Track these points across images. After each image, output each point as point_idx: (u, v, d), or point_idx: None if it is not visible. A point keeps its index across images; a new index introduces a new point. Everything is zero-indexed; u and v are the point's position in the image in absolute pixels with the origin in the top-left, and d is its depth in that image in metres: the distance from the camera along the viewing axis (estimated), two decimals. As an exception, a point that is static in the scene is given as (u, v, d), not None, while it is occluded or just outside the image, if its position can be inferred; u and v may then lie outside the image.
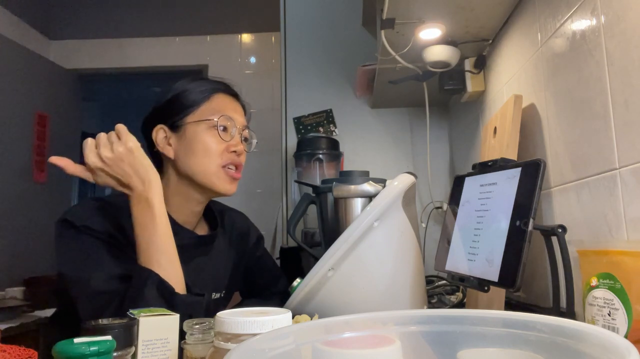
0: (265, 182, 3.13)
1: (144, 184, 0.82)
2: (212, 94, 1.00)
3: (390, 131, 1.95)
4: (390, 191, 0.86)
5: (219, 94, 1.01)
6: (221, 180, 0.96)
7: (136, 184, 0.82)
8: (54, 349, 0.41)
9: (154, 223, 0.82)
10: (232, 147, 0.97)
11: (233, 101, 1.03)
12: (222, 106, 0.99)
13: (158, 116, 0.99)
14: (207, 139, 0.96)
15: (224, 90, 1.03)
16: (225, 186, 0.97)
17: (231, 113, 0.99)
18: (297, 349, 0.40)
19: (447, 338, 0.41)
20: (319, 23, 2.02)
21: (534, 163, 0.71)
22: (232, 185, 0.99)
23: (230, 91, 1.04)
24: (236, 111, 1.01)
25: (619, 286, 0.59)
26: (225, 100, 1.01)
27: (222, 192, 0.98)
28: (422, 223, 1.72)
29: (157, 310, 0.58)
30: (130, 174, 0.82)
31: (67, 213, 0.88)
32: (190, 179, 0.96)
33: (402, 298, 0.88)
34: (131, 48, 3.50)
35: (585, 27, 0.79)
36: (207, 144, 0.95)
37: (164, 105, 0.99)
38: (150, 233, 0.82)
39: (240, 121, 1.01)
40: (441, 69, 1.34)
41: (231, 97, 1.03)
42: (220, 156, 0.96)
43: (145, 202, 0.82)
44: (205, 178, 0.95)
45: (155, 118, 0.99)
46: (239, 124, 1.00)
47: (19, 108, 2.87)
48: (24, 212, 2.85)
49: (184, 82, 1.01)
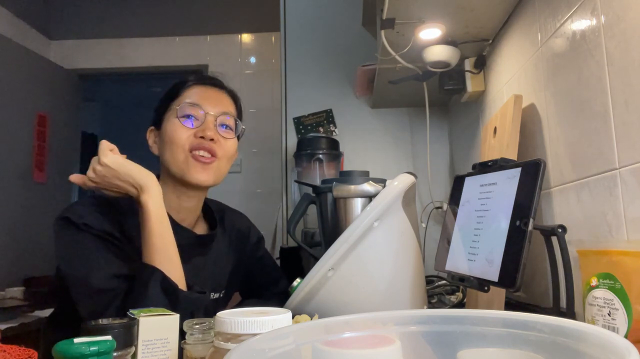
0: (265, 182, 3.13)
1: (137, 189, 0.86)
2: (184, 89, 1.01)
3: (390, 131, 1.94)
4: (390, 191, 0.86)
5: (192, 86, 1.01)
6: (190, 167, 0.95)
7: (131, 191, 0.86)
8: (54, 349, 0.41)
9: (150, 224, 0.84)
10: (200, 133, 0.95)
11: (207, 89, 1.02)
12: (193, 96, 0.99)
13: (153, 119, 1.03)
14: (172, 127, 0.97)
15: (196, 81, 1.03)
16: (195, 175, 0.95)
17: (199, 100, 0.98)
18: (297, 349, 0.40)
19: (447, 338, 0.41)
20: (319, 23, 2.02)
21: (534, 163, 0.71)
22: (205, 173, 0.96)
23: (207, 80, 1.04)
24: (208, 99, 1.00)
25: (619, 286, 0.59)
26: (197, 90, 1.01)
27: (195, 181, 0.96)
28: (422, 223, 1.72)
29: (157, 310, 0.58)
30: (121, 184, 0.86)
31: (66, 211, 0.89)
32: (170, 172, 0.97)
33: (402, 298, 0.88)
34: (131, 48, 3.50)
35: (585, 27, 0.79)
36: (171, 133, 0.96)
37: (155, 109, 1.03)
38: (148, 233, 0.84)
39: (213, 108, 0.98)
40: (441, 69, 1.34)
41: (206, 86, 1.03)
42: (186, 142, 0.95)
43: (142, 205, 0.85)
44: (177, 167, 0.95)
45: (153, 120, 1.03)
46: (211, 110, 0.98)
47: (19, 108, 2.86)
48: (24, 212, 2.85)
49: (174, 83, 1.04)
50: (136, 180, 0.85)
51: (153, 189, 0.86)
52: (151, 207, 0.85)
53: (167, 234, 0.86)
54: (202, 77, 1.05)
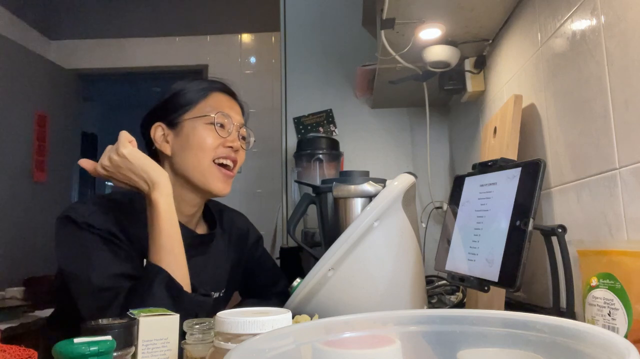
0: (265, 182, 3.13)
1: (148, 185, 0.85)
2: (209, 92, 1.01)
3: (390, 131, 1.94)
4: (390, 191, 0.86)
5: (216, 92, 1.03)
6: (214, 177, 0.97)
7: (142, 186, 0.85)
8: (54, 349, 0.41)
9: (159, 223, 0.84)
10: (229, 143, 0.98)
11: (230, 99, 1.05)
12: (219, 104, 1.01)
13: (156, 114, 1.01)
14: (204, 133, 0.97)
15: (220, 89, 1.04)
16: (217, 184, 0.97)
17: (228, 111, 1.01)
18: (297, 349, 0.40)
19: (447, 338, 0.41)
20: (319, 23, 2.02)
21: (534, 163, 0.71)
22: (225, 184, 0.99)
23: (227, 89, 1.06)
24: (233, 109, 1.03)
25: (619, 286, 0.59)
26: (222, 98, 1.03)
27: (215, 192, 0.98)
28: (422, 223, 1.72)
29: (157, 310, 0.58)
30: (133, 178, 0.85)
31: (68, 210, 0.89)
32: (185, 178, 0.97)
33: (402, 298, 0.88)
34: (131, 48, 3.50)
35: (585, 27, 0.79)
36: (203, 138, 0.96)
37: (162, 103, 1.01)
38: (156, 232, 0.84)
39: (237, 119, 1.02)
40: (441, 69, 1.34)
41: (228, 96, 1.05)
42: (214, 151, 0.97)
43: (151, 202, 0.84)
44: (199, 173, 0.96)
45: (153, 116, 1.01)
46: (236, 121, 1.01)
47: (19, 108, 2.87)
48: (24, 212, 2.85)
49: (182, 82, 1.03)
50: (150, 176, 0.85)
51: (165, 187, 0.86)
52: (162, 206, 0.84)
53: (175, 234, 0.85)
54: (223, 85, 1.06)
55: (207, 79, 1.08)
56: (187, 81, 1.04)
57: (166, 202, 0.85)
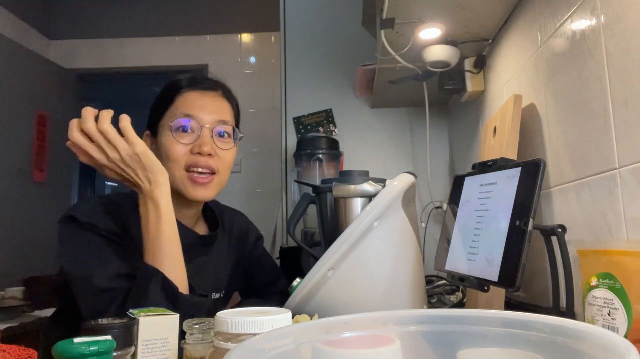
0: (265, 182, 3.13)
1: (151, 184, 0.82)
2: (177, 94, 0.96)
3: (390, 131, 1.95)
4: (390, 191, 0.86)
5: (185, 91, 0.96)
6: (186, 186, 0.93)
7: (144, 184, 0.82)
8: (54, 349, 0.40)
9: (160, 224, 0.82)
10: (196, 149, 0.92)
11: (203, 95, 0.97)
12: (187, 104, 0.94)
13: (148, 120, 1.00)
14: (168, 143, 0.93)
15: (190, 86, 0.97)
16: (194, 192, 0.93)
17: (196, 111, 0.93)
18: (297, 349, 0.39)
19: (447, 338, 0.41)
20: (319, 23, 2.02)
21: (534, 163, 0.71)
22: (206, 190, 0.93)
23: (201, 85, 0.98)
24: (204, 106, 0.95)
25: (619, 286, 0.59)
26: (191, 97, 0.96)
27: (195, 198, 0.94)
28: (422, 223, 1.71)
29: (157, 310, 0.58)
30: (138, 174, 0.82)
31: (71, 210, 0.88)
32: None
33: (402, 298, 0.88)
34: (131, 48, 3.50)
35: (585, 27, 0.79)
36: (169, 148, 0.92)
37: (151, 110, 0.99)
38: (155, 233, 0.82)
39: (208, 119, 0.94)
40: (441, 69, 1.34)
41: (201, 92, 0.97)
42: (182, 159, 0.92)
43: (152, 202, 0.83)
44: (175, 184, 0.91)
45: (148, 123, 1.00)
46: (206, 122, 0.93)
47: (19, 108, 2.87)
48: (24, 212, 2.85)
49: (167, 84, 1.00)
50: (155, 174, 0.82)
51: (166, 187, 0.84)
52: (163, 205, 0.82)
53: (175, 236, 0.84)
54: (195, 80, 0.99)
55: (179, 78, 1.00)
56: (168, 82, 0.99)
57: (167, 201, 0.84)
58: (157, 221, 0.82)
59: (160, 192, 0.83)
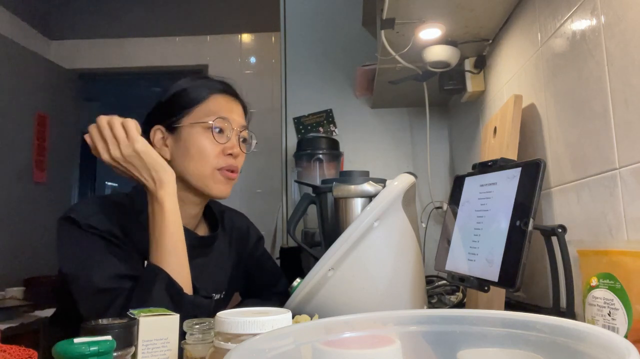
0: (265, 182, 3.13)
1: (155, 183, 0.83)
2: (208, 95, 0.98)
3: (390, 131, 1.95)
4: (390, 191, 0.86)
5: (216, 94, 0.99)
6: (216, 182, 0.95)
7: (148, 183, 0.83)
8: (54, 349, 0.41)
9: (164, 223, 0.83)
10: (228, 150, 0.96)
11: (231, 101, 1.01)
12: (219, 107, 0.97)
13: (156, 116, 0.99)
14: (202, 141, 0.94)
15: (221, 90, 1.00)
16: (219, 188, 0.96)
17: (228, 114, 0.97)
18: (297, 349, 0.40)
19: (447, 338, 0.41)
20: (319, 23, 2.02)
21: (534, 163, 0.71)
22: (227, 186, 0.97)
23: (229, 90, 1.02)
24: (233, 111, 0.99)
25: (619, 286, 0.59)
26: (222, 101, 0.99)
27: (217, 195, 0.97)
28: (422, 223, 1.71)
29: (157, 310, 0.58)
30: (142, 173, 0.83)
31: (70, 210, 0.88)
32: (186, 181, 0.95)
33: (402, 298, 0.88)
34: (131, 48, 3.50)
35: (585, 27, 0.79)
36: (202, 147, 0.94)
37: (162, 105, 0.99)
38: (160, 232, 0.83)
39: (237, 122, 0.99)
40: (441, 69, 1.34)
41: (229, 97, 1.01)
42: (215, 159, 0.95)
43: (156, 201, 0.83)
44: (200, 181, 0.94)
45: (154, 117, 0.99)
46: (236, 125, 0.98)
47: (19, 108, 2.87)
48: (24, 212, 2.85)
49: (184, 82, 1.00)
50: (159, 173, 0.83)
51: (171, 186, 0.84)
52: (167, 205, 0.83)
53: (179, 235, 0.84)
54: (226, 85, 1.03)
55: (207, 78, 1.04)
56: (187, 81, 1.00)
57: (172, 201, 0.84)
58: (162, 220, 0.83)
59: (164, 192, 0.83)
